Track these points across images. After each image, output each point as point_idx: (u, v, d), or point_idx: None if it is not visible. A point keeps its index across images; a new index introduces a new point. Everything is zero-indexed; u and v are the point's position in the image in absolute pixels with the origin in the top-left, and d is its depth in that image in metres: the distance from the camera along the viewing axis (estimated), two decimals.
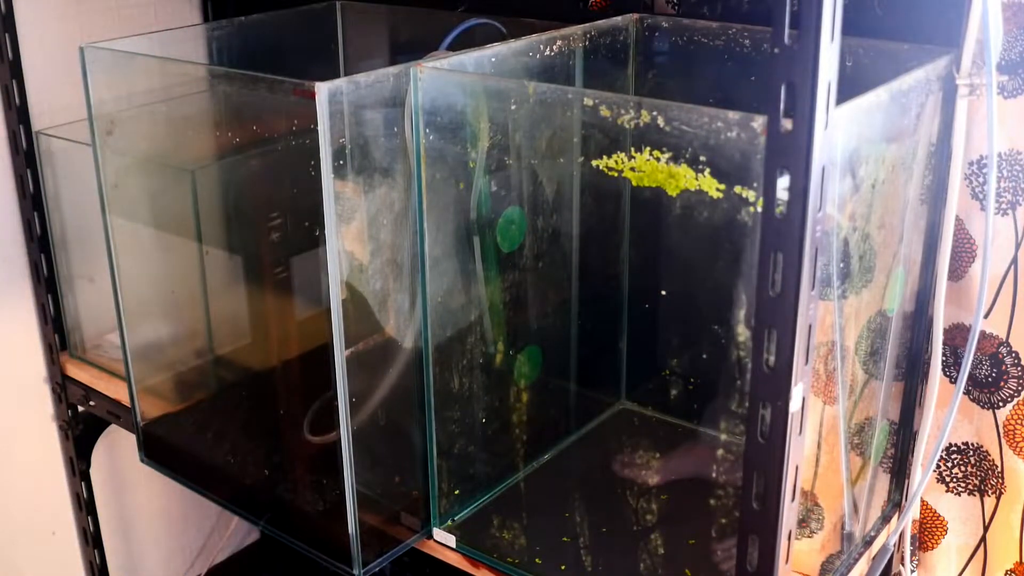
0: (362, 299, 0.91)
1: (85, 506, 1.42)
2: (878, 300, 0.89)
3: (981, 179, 0.93)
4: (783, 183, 0.64)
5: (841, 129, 0.69)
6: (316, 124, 0.82)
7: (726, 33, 1.00)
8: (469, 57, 0.90)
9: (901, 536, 1.03)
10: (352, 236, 0.89)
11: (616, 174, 0.81)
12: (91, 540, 1.44)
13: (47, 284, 1.33)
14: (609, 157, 0.81)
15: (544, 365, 1.08)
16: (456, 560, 1.00)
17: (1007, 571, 1.03)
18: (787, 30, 0.61)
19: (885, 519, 1.02)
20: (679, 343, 1.15)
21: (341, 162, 0.85)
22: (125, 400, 1.23)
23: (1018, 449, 0.99)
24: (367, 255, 0.91)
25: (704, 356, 1.11)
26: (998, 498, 1.01)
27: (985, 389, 0.99)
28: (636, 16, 1.06)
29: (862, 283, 0.84)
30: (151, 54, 1.07)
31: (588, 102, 0.80)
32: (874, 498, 0.99)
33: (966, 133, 0.90)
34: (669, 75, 1.07)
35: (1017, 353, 0.96)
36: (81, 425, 1.39)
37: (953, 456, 1.03)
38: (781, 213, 0.64)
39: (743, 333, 1.01)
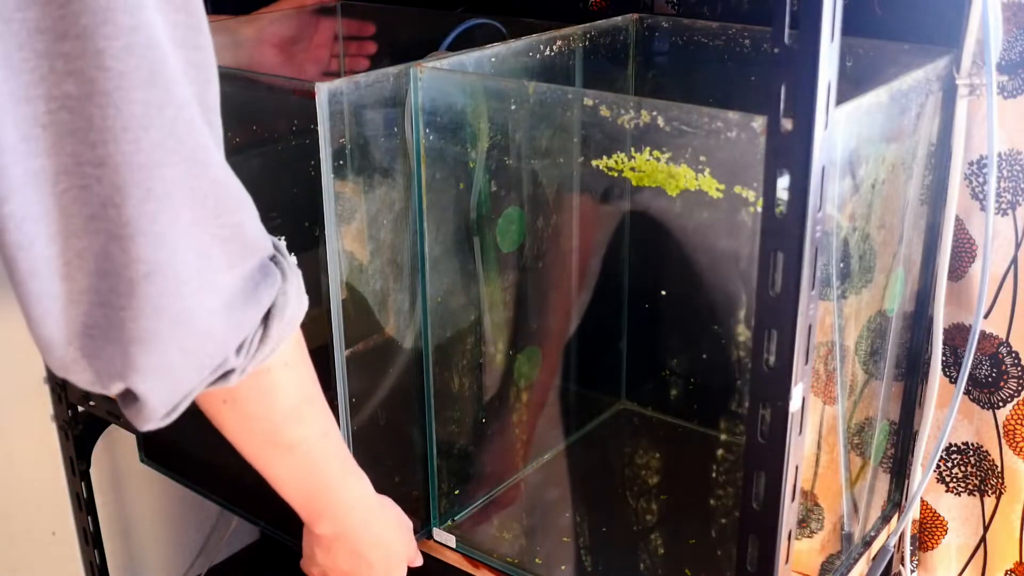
0: (362, 299, 0.91)
1: (85, 506, 1.42)
2: (878, 300, 0.89)
3: (981, 179, 0.93)
4: (783, 183, 0.64)
5: (841, 129, 0.69)
6: (316, 124, 0.82)
7: (726, 33, 1.00)
8: (469, 57, 0.90)
9: (901, 536, 1.03)
10: (352, 236, 0.89)
11: (616, 174, 0.81)
12: (91, 540, 1.44)
13: None
14: (609, 157, 0.81)
15: (544, 365, 1.08)
16: (456, 560, 1.00)
17: (1007, 571, 1.03)
18: (787, 30, 0.61)
19: (885, 519, 1.02)
20: (679, 343, 1.15)
21: (341, 162, 0.85)
22: None
23: (1018, 449, 0.99)
24: (367, 255, 0.91)
25: (704, 356, 1.11)
26: (998, 498, 1.01)
27: (985, 389, 0.99)
28: (636, 16, 1.06)
29: (862, 283, 0.84)
30: None
31: (588, 102, 0.80)
32: (874, 498, 1.00)
33: (966, 133, 0.90)
34: (669, 75, 1.07)
35: (1017, 353, 0.96)
36: (81, 425, 1.39)
37: (953, 456, 1.03)
38: (781, 213, 0.64)
39: (743, 333, 1.01)
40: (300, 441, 0.73)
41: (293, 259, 0.65)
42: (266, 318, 0.62)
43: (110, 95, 0.51)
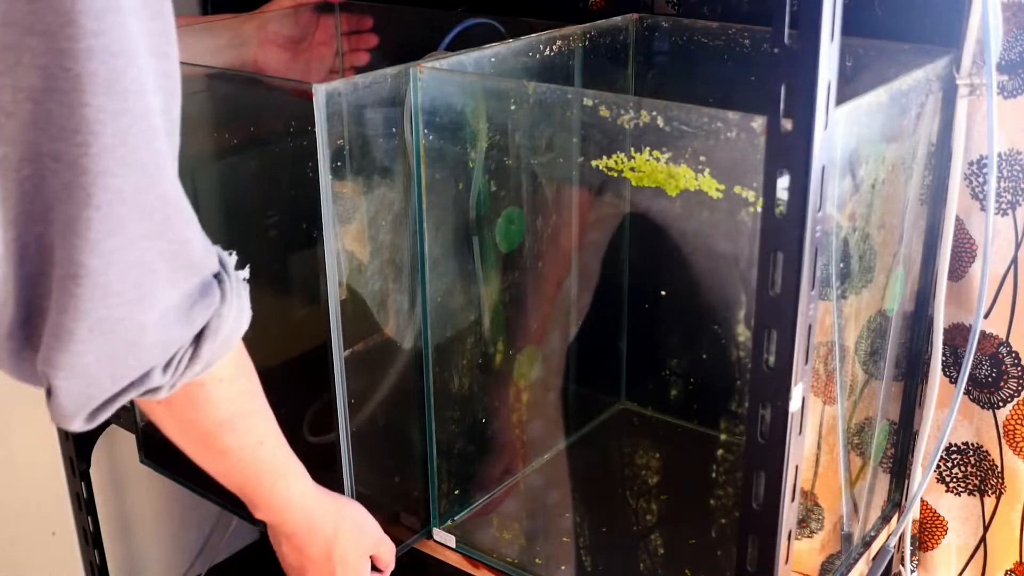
0: (361, 299, 0.91)
1: (85, 506, 1.42)
2: (878, 300, 0.89)
3: (981, 179, 0.93)
4: (783, 183, 0.64)
5: (841, 129, 0.69)
6: (314, 125, 0.82)
7: (726, 33, 1.00)
8: (469, 57, 0.90)
9: (901, 536, 1.03)
10: (351, 236, 0.89)
11: (616, 174, 0.81)
12: (91, 540, 1.44)
13: None
14: (609, 157, 0.81)
15: (544, 365, 1.08)
16: (456, 560, 1.00)
17: (1007, 571, 1.03)
18: (787, 30, 0.61)
19: (885, 519, 1.02)
20: (679, 343, 1.15)
21: (339, 163, 0.85)
22: None
23: (1018, 449, 0.99)
24: (367, 255, 0.91)
25: (704, 356, 1.11)
26: (998, 498, 1.01)
27: (985, 389, 0.99)
28: (636, 16, 1.06)
29: (862, 283, 0.84)
30: None
31: (588, 102, 0.80)
32: (874, 498, 1.00)
33: (966, 133, 0.90)
34: (669, 75, 1.07)
35: (1017, 353, 0.96)
36: None
37: (953, 456, 1.03)
38: (781, 213, 0.64)
39: (743, 333, 1.01)
40: (234, 448, 0.75)
41: (242, 273, 0.65)
42: (198, 338, 0.62)
43: (67, 94, 0.51)
